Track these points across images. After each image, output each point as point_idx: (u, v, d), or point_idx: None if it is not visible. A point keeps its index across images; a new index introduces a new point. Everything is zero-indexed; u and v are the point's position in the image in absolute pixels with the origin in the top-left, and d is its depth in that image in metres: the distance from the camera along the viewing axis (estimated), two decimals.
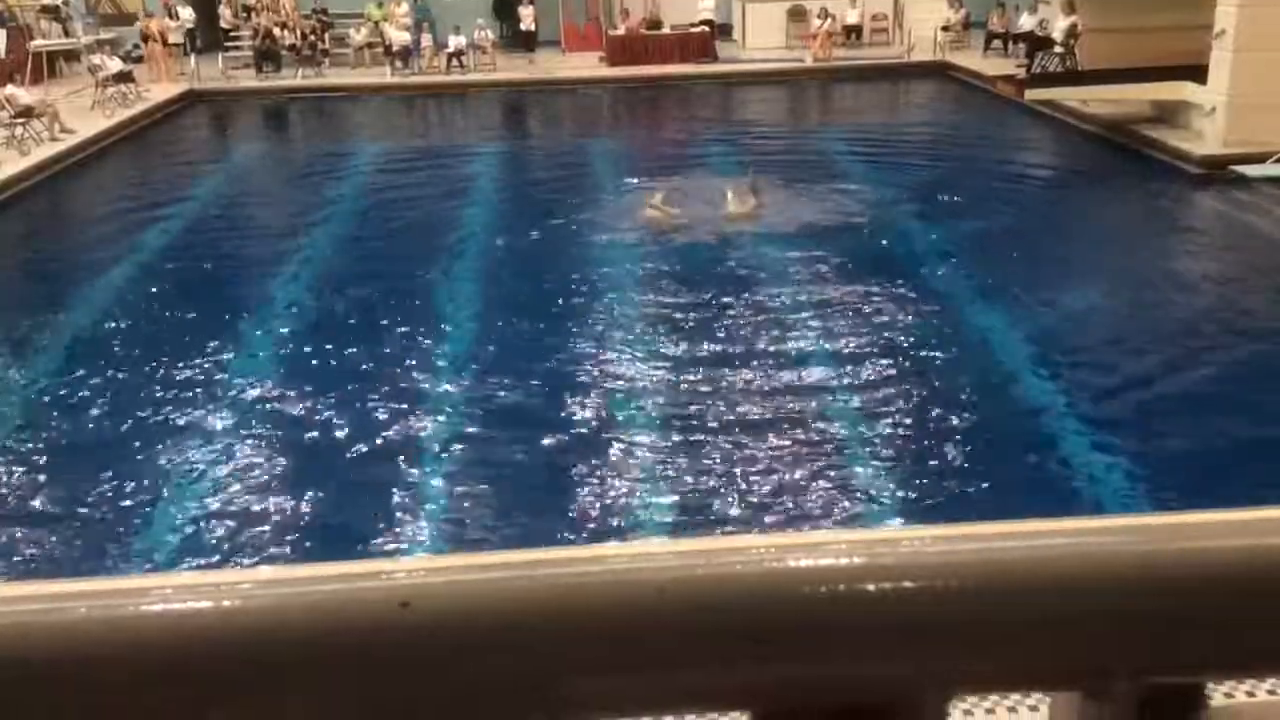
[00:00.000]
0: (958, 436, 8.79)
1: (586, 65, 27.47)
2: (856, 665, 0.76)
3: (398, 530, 7.73)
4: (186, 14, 27.81)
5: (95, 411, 9.62)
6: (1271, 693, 3.88)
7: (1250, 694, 3.63)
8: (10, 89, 19.83)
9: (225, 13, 28.51)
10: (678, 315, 11.45)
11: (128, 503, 8.14)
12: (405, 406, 9.54)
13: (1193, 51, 17.28)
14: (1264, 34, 16.02)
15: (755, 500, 8.03)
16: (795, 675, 0.76)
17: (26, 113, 19.40)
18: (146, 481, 8.38)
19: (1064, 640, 0.77)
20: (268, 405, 9.71)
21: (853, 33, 28.44)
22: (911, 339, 10.77)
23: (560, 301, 12.00)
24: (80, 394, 10.00)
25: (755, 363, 10.24)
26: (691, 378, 9.91)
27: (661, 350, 10.56)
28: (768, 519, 7.73)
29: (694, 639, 0.74)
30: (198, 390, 9.97)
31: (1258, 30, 16.06)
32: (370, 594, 0.73)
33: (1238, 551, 0.78)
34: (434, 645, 0.72)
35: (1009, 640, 0.77)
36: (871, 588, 0.74)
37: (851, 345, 10.66)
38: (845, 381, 9.88)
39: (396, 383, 10.03)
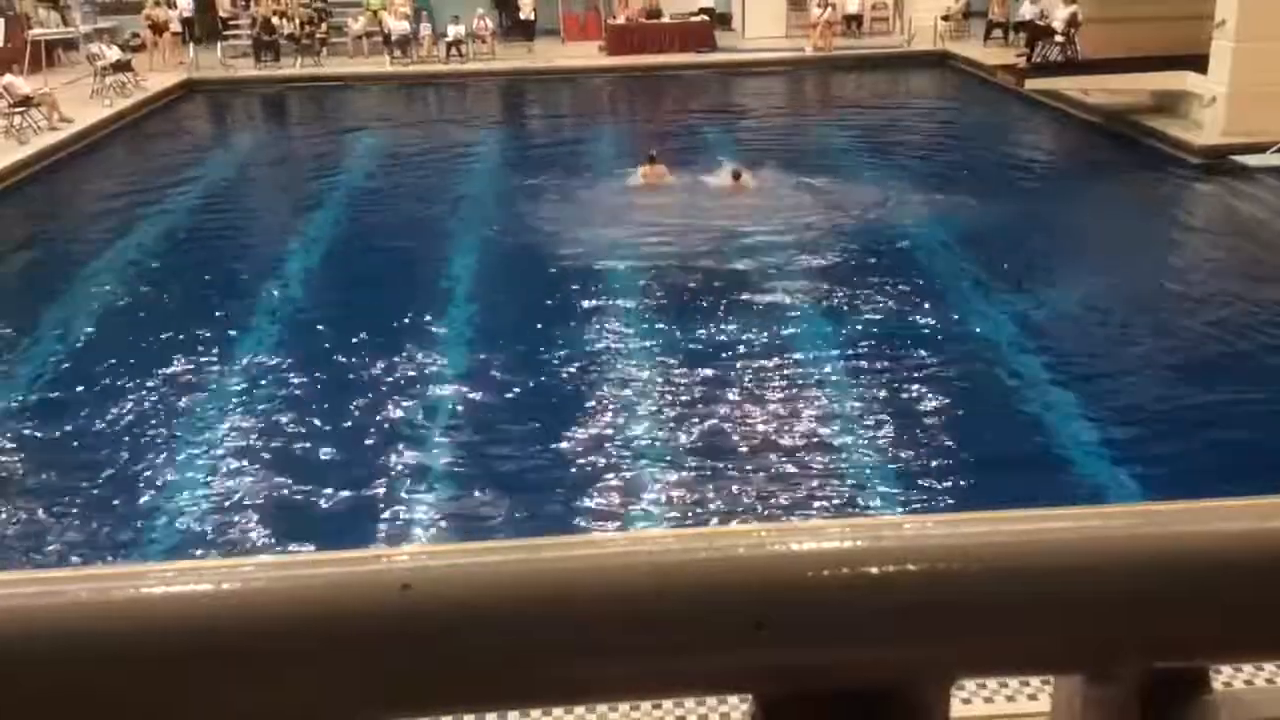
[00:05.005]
0: (951, 418, 8.87)
1: (586, 55, 27.41)
2: (860, 648, 0.76)
3: None
4: (185, 3, 27.75)
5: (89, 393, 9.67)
6: (1270, 681, 3.88)
7: (1249, 682, 3.64)
8: (9, 78, 19.77)
9: (224, 2, 28.45)
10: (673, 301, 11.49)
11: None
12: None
13: (1193, 41, 17.26)
14: (1265, 24, 15.99)
15: None
16: (798, 659, 0.76)
17: (25, 102, 19.36)
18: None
19: (1067, 624, 0.77)
20: (272, 376, 9.80)
21: (853, 22, 28.39)
22: (905, 324, 10.80)
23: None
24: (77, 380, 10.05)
25: (739, 344, 10.30)
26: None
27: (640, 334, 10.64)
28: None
29: (696, 623, 0.74)
30: (193, 378, 10.00)
31: (1258, 20, 16.03)
32: (373, 577, 0.74)
33: (1240, 536, 0.78)
34: (434, 627, 0.72)
35: (1012, 623, 0.77)
36: (874, 571, 0.74)
37: (846, 327, 10.77)
38: (835, 354, 10.11)
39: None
